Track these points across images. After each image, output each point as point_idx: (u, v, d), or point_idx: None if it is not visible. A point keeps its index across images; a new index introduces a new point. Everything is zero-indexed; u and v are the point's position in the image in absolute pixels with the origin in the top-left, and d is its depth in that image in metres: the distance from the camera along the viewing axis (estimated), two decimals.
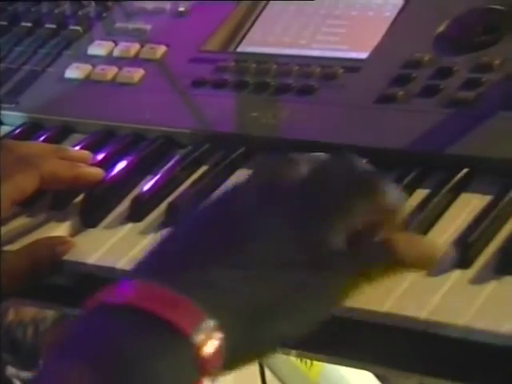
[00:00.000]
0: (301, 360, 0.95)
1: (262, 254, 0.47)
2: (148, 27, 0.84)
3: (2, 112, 0.80)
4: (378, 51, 0.73)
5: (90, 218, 0.67)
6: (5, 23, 0.88)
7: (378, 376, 1.00)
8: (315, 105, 0.71)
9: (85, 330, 0.45)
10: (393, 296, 0.54)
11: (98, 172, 0.69)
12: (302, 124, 0.70)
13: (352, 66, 0.72)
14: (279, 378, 1.00)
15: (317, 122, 0.70)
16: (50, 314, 1.31)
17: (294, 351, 0.60)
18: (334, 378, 0.95)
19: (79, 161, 0.69)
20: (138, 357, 0.43)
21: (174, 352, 0.44)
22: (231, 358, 0.45)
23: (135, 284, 0.46)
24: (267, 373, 1.00)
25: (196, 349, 0.44)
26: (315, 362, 0.94)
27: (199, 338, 0.44)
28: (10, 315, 1.34)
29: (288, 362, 0.97)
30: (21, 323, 1.33)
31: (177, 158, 0.71)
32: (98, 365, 0.43)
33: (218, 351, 0.44)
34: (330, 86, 0.72)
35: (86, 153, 0.72)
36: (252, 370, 1.37)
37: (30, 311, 1.33)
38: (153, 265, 0.48)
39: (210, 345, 0.44)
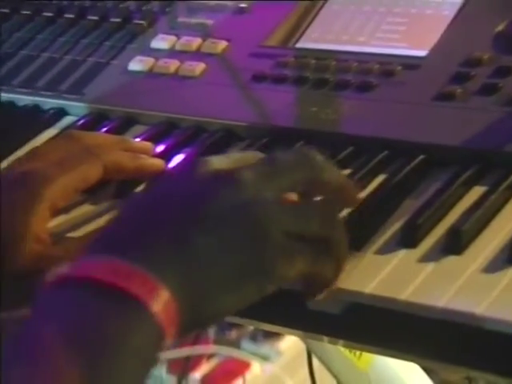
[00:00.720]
0: (349, 350, 0.96)
1: (209, 230, 0.51)
2: (210, 22, 0.86)
3: (68, 103, 0.82)
4: (437, 49, 0.74)
5: None
6: (72, 16, 0.91)
7: (425, 368, 1.00)
8: (374, 101, 0.73)
9: (50, 310, 0.48)
10: (447, 292, 0.54)
11: (159, 163, 0.71)
12: (361, 120, 0.71)
13: (411, 64, 0.74)
14: (327, 366, 1.01)
15: (375, 118, 0.71)
16: None
17: (341, 341, 0.62)
18: (383, 369, 0.96)
19: (142, 152, 0.71)
20: (106, 326, 0.47)
21: (136, 319, 0.47)
22: (184, 325, 0.49)
23: (94, 259, 0.49)
24: (314, 361, 1.01)
25: (155, 317, 0.47)
26: (365, 353, 0.95)
27: (157, 306, 0.48)
28: None
29: (336, 350, 0.97)
30: None
31: (236, 150, 0.73)
32: (70, 344, 0.46)
33: (173, 320, 0.48)
34: (389, 83, 0.73)
35: (149, 144, 0.74)
36: (299, 358, 1.39)
37: None
38: (111, 241, 0.52)
39: (167, 313, 0.48)
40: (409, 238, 0.59)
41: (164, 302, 0.48)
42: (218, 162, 0.55)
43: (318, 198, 0.57)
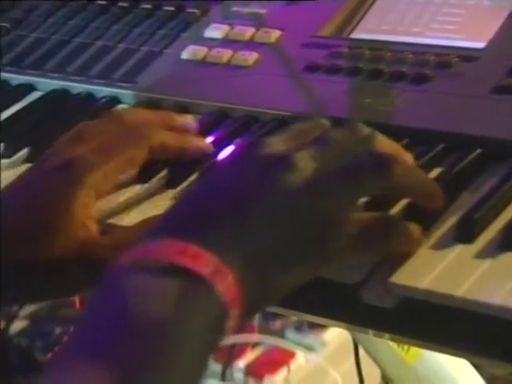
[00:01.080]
0: (398, 344, 0.96)
1: (268, 212, 0.52)
2: (263, 12, 0.85)
3: (121, 91, 0.82)
4: (495, 41, 0.73)
5: None
6: (125, 5, 0.91)
7: (473, 364, 1.00)
8: (429, 93, 0.72)
9: (120, 286, 0.48)
10: (504, 289, 0.53)
11: (204, 144, 0.70)
12: (416, 112, 0.71)
13: (468, 55, 0.73)
14: (373, 359, 1.00)
15: (431, 110, 0.70)
16: None
17: (387, 334, 0.61)
18: (431, 364, 0.96)
19: (183, 127, 0.71)
20: (173, 305, 0.47)
21: (204, 301, 0.48)
22: (248, 306, 0.50)
23: (159, 240, 0.49)
24: (360, 352, 1.01)
25: (220, 297, 0.48)
26: (413, 347, 0.94)
27: (222, 286, 0.48)
28: None
29: (383, 343, 0.97)
30: None
31: None
32: (137, 317, 0.46)
33: (236, 300, 0.49)
34: (445, 75, 0.72)
35: (189, 118, 0.73)
36: (344, 349, 1.39)
37: None
38: (176, 223, 0.52)
39: (231, 293, 0.48)
40: (465, 233, 0.58)
41: (228, 282, 0.48)
42: (275, 142, 0.55)
43: None
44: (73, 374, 0.44)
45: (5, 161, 0.77)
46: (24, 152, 0.77)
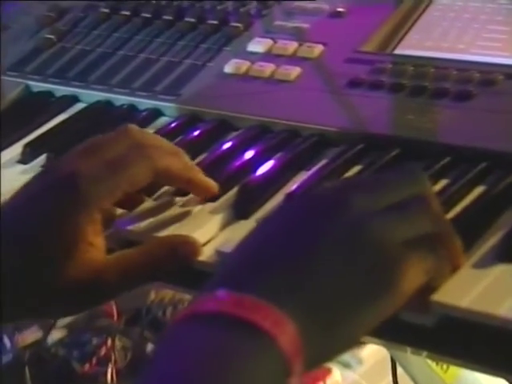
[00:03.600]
0: (436, 363, 0.95)
1: (326, 259, 0.50)
2: (306, 26, 0.86)
3: (163, 103, 0.83)
4: None
5: (243, 209, 0.69)
6: (169, 18, 0.92)
7: None
8: (473, 110, 0.71)
9: (180, 340, 0.48)
10: None
11: (211, 183, 0.68)
12: (459, 129, 0.70)
13: None
14: (411, 377, 0.99)
15: (474, 127, 0.70)
16: (187, 295, 1.35)
17: (425, 352, 0.61)
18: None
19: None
20: (233, 359, 0.46)
21: (265, 356, 0.47)
22: (309, 361, 0.48)
23: (217, 293, 0.49)
24: (399, 369, 1.00)
25: (282, 350, 0.47)
26: (452, 366, 0.93)
27: (284, 339, 0.47)
28: (152, 296, 1.38)
29: (422, 362, 0.96)
30: (161, 303, 1.37)
31: (331, 156, 0.73)
32: (198, 371, 0.46)
33: (299, 354, 0.47)
34: (489, 93, 0.71)
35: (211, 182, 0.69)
36: (380, 366, 1.37)
37: (170, 292, 1.37)
38: (229, 276, 0.51)
39: (293, 346, 0.47)
40: (507, 253, 0.57)
41: (290, 334, 0.47)
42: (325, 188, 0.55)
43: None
44: None
45: None
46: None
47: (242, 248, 0.54)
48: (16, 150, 0.82)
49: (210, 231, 0.66)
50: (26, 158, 0.81)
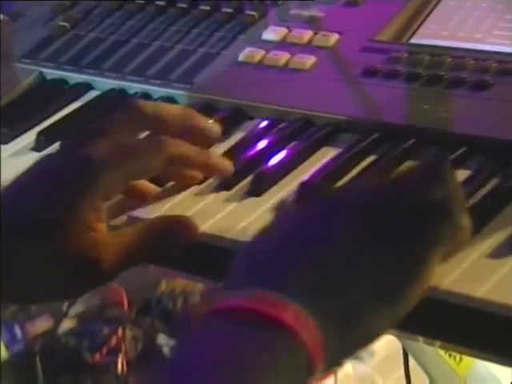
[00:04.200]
0: (449, 355, 0.94)
1: (347, 256, 0.50)
2: (321, 15, 0.85)
3: (177, 92, 0.82)
4: None
5: (257, 189, 0.68)
6: (184, 6, 0.91)
7: None
8: (489, 100, 0.70)
9: (202, 338, 0.48)
10: None
11: (226, 165, 0.68)
12: (475, 119, 0.69)
13: None
14: (423, 368, 0.99)
15: (490, 117, 0.69)
16: (198, 286, 1.35)
17: (438, 342, 0.60)
18: (482, 376, 0.94)
19: (205, 133, 0.68)
20: (256, 355, 0.46)
21: (289, 354, 0.47)
22: (331, 358, 0.48)
23: (238, 290, 0.49)
24: (411, 362, 1.00)
25: (304, 346, 0.47)
26: (465, 358, 0.93)
27: (305, 335, 0.47)
28: (162, 286, 1.38)
29: (434, 353, 0.96)
30: (171, 294, 1.37)
31: (345, 145, 0.72)
32: (222, 370, 0.46)
33: (320, 350, 0.47)
34: (506, 82, 0.71)
35: (215, 127, 0.69)
36: (392, 359, 1.37)
37: (180, 283, 1.37)
38: (249, 272, 0.51)
39: (314, 342, 0.47)
40: None
41: (311, 330, 0.47)
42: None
43: None
44: None
45: None
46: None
47: (263, 242, 0.54)
48: (30, 137, 0.82)
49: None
50: (39, 145, 0.81)
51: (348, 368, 1.48)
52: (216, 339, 0.47)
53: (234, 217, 0.66)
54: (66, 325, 1.40)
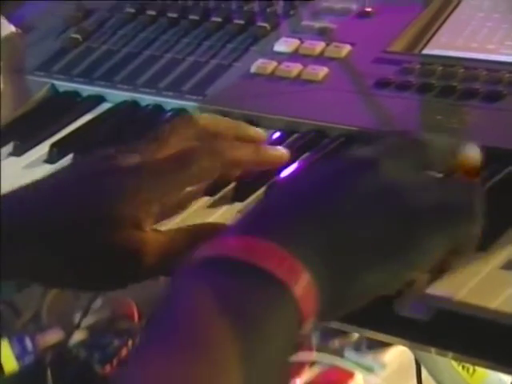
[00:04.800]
0: (462, 366, 0.94)
1: (349, 211, 0.50)
2: (334, 26, 0.85)
3: (190, 103, 0.83)
4: None
5: None
6: (195, 18, 0.91)
7: None
8: (502, 111, 0.70)
9: (188, 290, 0.47)
10: None
11: (282, 153, 0.69)
12: (488, 130, 0.69)
13: None
14: (436, 380, 0.99)
15: (504, 128, 0.69)
16: None
17: (450, 354, 0.60)
18: None
19: (255, 139, 0.70)
20: (247, 309, 0.46)
21: (280, 304, 0.46)
22: (324, 310, 0.48)
23: (237, 238, 0.48)
24: (423, 374, 0.99)
25: (296, 300, 0.46)
26: (478, 370, 0.92)
27: (298, 289, 0.46)
28: None
29: (447, 364, 0.96)
30: None
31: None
32: (208, 325, 0.45)
33: (312, 304, 0.47)
34: None
35: (260, 130, 0.71)
36: (403, 371, 1.37)
37: None
38: (251, 221, 0.51)
39: (307, 296, 0.47)
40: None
41: (305, 284, 0.47)
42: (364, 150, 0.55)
43: None
44: (148, 369, 0.44)
45: None
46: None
47: (266, 197, 0.55)
48: (43, 149, 0.83)
49: None
50: (52, 157, 0.81)
51: (359, 380, 1.47)
52: (200, 288, 0.47)
53: None
54: (77, 337, 1.40)
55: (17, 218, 0.61)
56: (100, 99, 0.88)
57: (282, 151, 0.69)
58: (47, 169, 0.80)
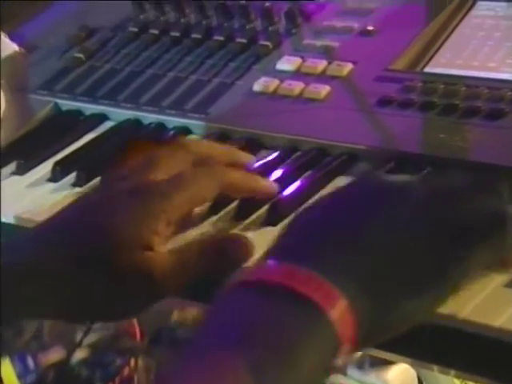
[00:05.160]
0: None
1: (385, 237, 0.51)
2: (336, 44, 0.85)
3: (192, 122, 0.83)
4: None
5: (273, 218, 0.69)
6: (198, 36, 0.92)
7: None
8: (505, 129, 0.71)
9: (229, 312, 0.48)
10: None
11: (273, 186, 0.70)
12: (491, 148, 0.69)
13: None
14: None
15: (506, 146, 0.69)
16: None
17: (453, 371, 0.60)
18: None
19: (247, 165, 0.71)
20: (284, 333, 0.46)
21: (316, 329, 0.47)
22: (362, 338, 0.48)
23: (270, 264, 0.49)
24: None
25: (333, 325, 0.46)
26: None
27: (335, 314, 0.47)
28: (174, 316, 1.38)
29: (449, 382, 0.95)
30: (184, 323, 1.37)
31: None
32: (248, 345, 0.46)
33: (349, 330, 0.47)
34: None
35: (250, 156, 0.73)
36: None
37: (192, 312, 1.37)
38: (290, 248, 0.51)
39: (344, 322, 0.47)
40: None
41: (342, 309, 0.47)
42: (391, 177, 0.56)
43: None
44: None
45: (78, 190, 0.78)
46: (96, 181, 0.78)
47: (299, 221, 0.54)
48: (46, 168, 0.83)
49: None
50: (56, 176, 0.81)
51: None
52: (241, 311, 0.47)
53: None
54: (79, 355, 1.40)
55: (20, 260, 0.61)
56: (103, 118, 0.89)
57: (273, 185, 0.70)
58: (50, 187, 0.80)
